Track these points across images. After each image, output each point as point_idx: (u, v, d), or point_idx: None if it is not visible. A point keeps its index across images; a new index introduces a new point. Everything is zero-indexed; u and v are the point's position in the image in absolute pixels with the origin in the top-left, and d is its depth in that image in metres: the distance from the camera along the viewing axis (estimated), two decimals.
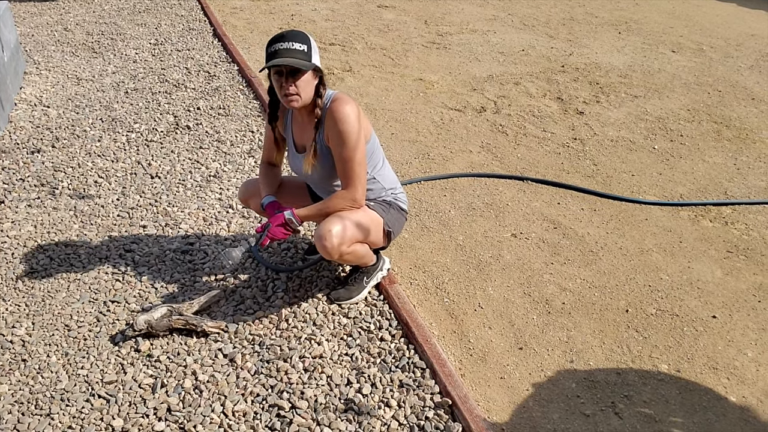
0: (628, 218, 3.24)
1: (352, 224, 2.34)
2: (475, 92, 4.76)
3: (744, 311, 2.62)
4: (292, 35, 2.20)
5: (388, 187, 2.51)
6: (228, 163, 3.73)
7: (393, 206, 2.51)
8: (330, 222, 2.31)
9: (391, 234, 2.51)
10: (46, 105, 4.46)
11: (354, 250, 2.39)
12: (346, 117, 2.24)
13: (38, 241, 3.01)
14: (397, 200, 2.54)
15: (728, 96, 4.79)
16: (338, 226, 2.30)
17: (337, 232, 2.29)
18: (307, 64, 2.18)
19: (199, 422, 2.06)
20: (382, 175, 2.50)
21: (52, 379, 2.24)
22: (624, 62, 5.42)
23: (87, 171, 3.63)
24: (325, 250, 2.30)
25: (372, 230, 2.43)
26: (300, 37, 2.21)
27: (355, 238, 2.35)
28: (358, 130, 2.26)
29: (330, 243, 2.28)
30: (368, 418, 2.08)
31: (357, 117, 2.27)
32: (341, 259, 2.41)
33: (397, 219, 2.53)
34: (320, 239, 2.29)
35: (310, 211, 2.37)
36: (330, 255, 2.33)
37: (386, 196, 2.51)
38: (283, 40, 2.18)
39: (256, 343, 2.40)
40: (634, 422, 2.11)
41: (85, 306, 2.59)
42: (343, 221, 2.32)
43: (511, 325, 2.54)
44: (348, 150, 2.26)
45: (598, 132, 4.16)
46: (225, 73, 5.01)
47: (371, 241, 2.47)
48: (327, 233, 2.28)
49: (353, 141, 2.25)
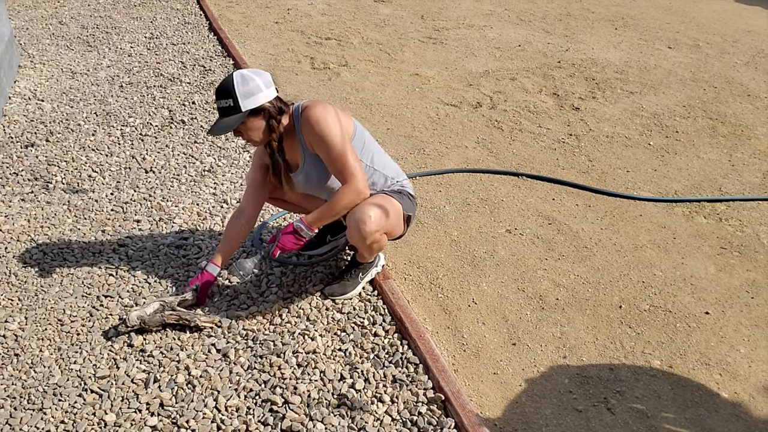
0: (623, 214, 3.24)
1: (385, 211, 2.36)
2: (471, 88, 4.75)
3: (737, 307, 2.63)
4: (218, 92, 2.27)
5: (392, 176, 2.53)
6: (223, 158, 3.71)
7: (404, 194, 2.53)
8: (366, 207, 2.32)
9: (410, 219, 2.55)
10: (41, 99, 4.44)
11: (382, 238, 2.42)
12: (318, 119, 2.26)
13: (31, 236, 3.00)
14: (404, 188, 2.56)
15: (724, 92, 4.79)
16: (376, 210, 2.32)
17: (376, 217, 2.31)
18: (232, 123, 2.25)
19: (191, 417, 2.06)
20: (382, 164, 2.51)
21: (44, 374, 2.23)
22: (620, 58, 5.42)
23: (81, 165, 3.62)
24: (361, 233, 2.31)
25: (395, 219, 2.45)
26: (225, 91, 2.25)
27: (387, 226, 2.38)
28: (337, 127, 2.26)
29: (369, 227, 2.30)
30: (361, 413, 2.08)
31: (333, 115, 2.28)
32: (368, 248, 2.41)
33: (411, 205, 2.56)
34: (358, 222, 2.30)
35: (318, 214, 2.34)
36: (363, 239, 2.33)
37: (393, 185, 2.52)
38: (216, 98, 2.29)
39: (250, 338, 2.40)
40: (626, 417, 2.11)
41: (78, 301, 2.59)
42: (378, 207, 2.34)
43: (505, 320, 2.55)
44: (335, 148, 2.26)
45: (594, 128, 4.16)
46: (221, 68, 4.99)
47: (393, 229, 2.48)
48: (367, 218, 2.29)
49: (337, 138, 2.25)
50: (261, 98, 2.26)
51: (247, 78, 2.25)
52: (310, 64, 5.13)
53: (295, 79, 4.82)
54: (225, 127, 2.27)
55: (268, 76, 2.32)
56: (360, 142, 2.42)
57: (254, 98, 2.25)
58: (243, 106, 2.24)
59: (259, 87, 2.26)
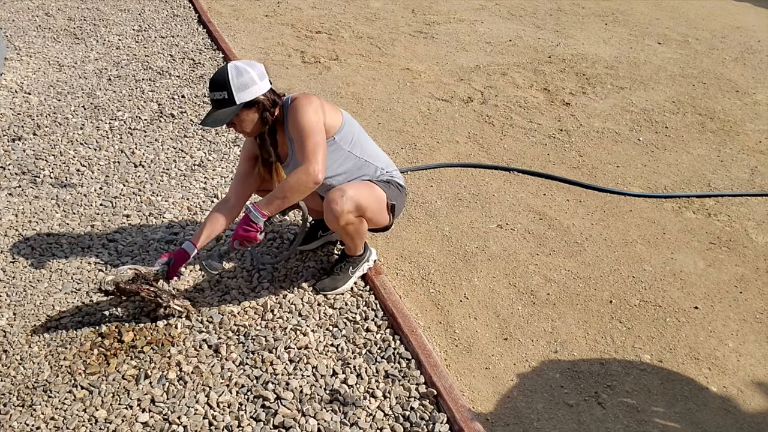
0: (613, 209, 3.26)
1: (359, 195, 2.36)
2: (462, 82, 4.75)
3: (726, 302, 2.65)
4: (213, 84, 2.27)
5: (381, 166, 2.53)
6: (213, 152, 3.69)
7: (392, 183, 2.54)
8: (341, 188, 2.34)
9: (395, 208, 2.54)
10: (27, 92, 4.38)
11: (356, 223, 2.41)
12: (297, 107, 2.28)
13: (19, 230, 2.96)
14: (393, 178, 2.56)
15: (713, 88, 4.82)
16: (350, 192, 2.33)
17: (348, 198, 2.31)
18: (225, 116, 2.25)
19: (183, 413, 2.05)
20: (372, 156, 2.52)
21: (33, 370, 2.21)
22: (610, 54, 5.44)
23: (69, 159, 3.58)
24: (333, 213, 2.31)
25: (377, 205, 2.45)
26: (219, 83, 2.25)
27: (362, 208, 2.37)
28: (314, 115, 2.27)
29: (339, 207, 2.29)
30: (353, 408, 2.08)
31: (315, 105, 2.30)
32: (343, 230, 2.41)
33: (398, 195, 2.55)
34: (330, 202, 2.31)
35: (268, 197, 2.28)
36: (336, 220, 2.33)
37: (382, 175, 2.53)
38: (209, 90, 2.29)
39: (241, 334, 2.39)
40: (616, 412, 2.13)
41: (68, 296, 2.57)
42: (352, 190, 2.34)
43: (497, 315, 2.55)
44: (304, 132, 2.25)
45: (584, 123, 4.18)
46: (210, 61, 4.95)
47: (375, 216, 2.48)
48: (339, 197, 2.30)
49: (309, 125, 2.25)
50: (255, 91, 2.26)
51: (242, 70, 2.24)
52: (301, 58, 5.10)
53: (285, 73, 4.79)
54: (219, 119, 2.26)
55: (261, 68, 2.31)
56: (349, 135, 2.43)
57: (249, 91, 2.25)
58: (237, 99, 2.24)
59: (253, 79, 2.25)
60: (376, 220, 2.51)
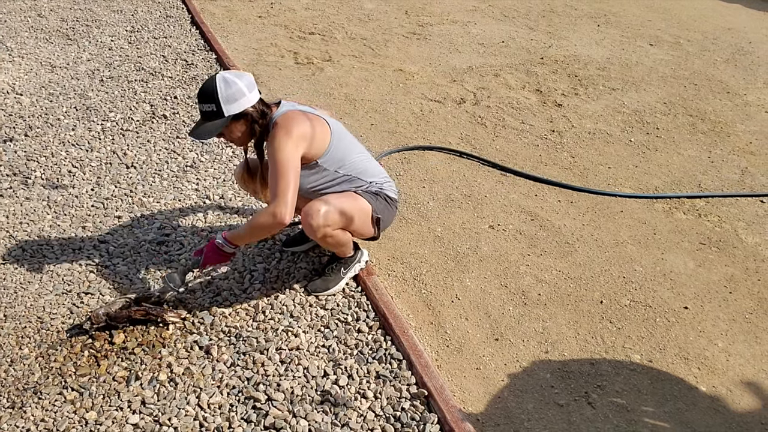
0: (604, 210, 3.27)
1: (338, 209, 2.36)
2: (455, 83, 4.76)
3: (715, 302, 2.67)
4: (201, 95, 2.27)
5: (370, 180, 2.50)
6: (205, 153, 3.69)
7: (380, 195, 2.52)
8: (318, 202, 2.33)
9: (380, 221, 2.52)
10: (19, 93, 4.37)
11: (336, 235, 2.41)
12: (279, 139, 2.24)
13: (10, 232, 2.95)
14: (383, 190, 2.54)
15: (704, 89, 4.85)
16: (327, 206, 2.33)
17: (325, 213, 2.32)
18: (214, 129, 2.25)
19: (174, 415, 2.05)
20: (361, 170, 2.49)
21: (24, 372, 2.21)
22: (602, 55, 5.46)
23: (61, 160, 3.57)
24: (310, 227, 2.32)
25: (359, 218, 2.44)
26: (207, 95, 2.25)
27: (340, 222, 2.38)
28: (290, 153, 2.24)
29: (316, 222, 2.30)
30: (344, 409, 2.09)
31: (296, 138, 2.26)
32: (322, 241, 2.42)
33: (385, 207, 2.54)
34: (306, 216, 2.31)
35: (239, 231, 2.33)
36: (314, 233, 2.34)
37: (371, 187, 2.50)
38: (198, 101, 2.29)
39: (233, 335, 2.39)
40: (606, 412, 2.14)
41: (59, 298, 2.56)
42: (330, 205, 2.34)
43: (488, 316, 2.56)
44: (277, 168, 2.23)
45: (576, 124, 4.19)
46: (203, 62, 4.94)
47: (358, 228, 2.48)
48: (315, 212, 2.30)
49: (283, 161, 2.22)
50: (244, 103, 2.25)
51: (230, 82, 2.23)
52: (294, 59, 5.10)
53: (278, 74, 4.80)
54: (207, 132, 2.26)
55: (250, 78, 2.30)
56: (336, 155, 2.41)
57: (237, 103, 2.24)
58: (225, 111, 2.23)
59: (241, 91, 2.24)
60: (360, 232, 2.51)
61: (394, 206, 2.59)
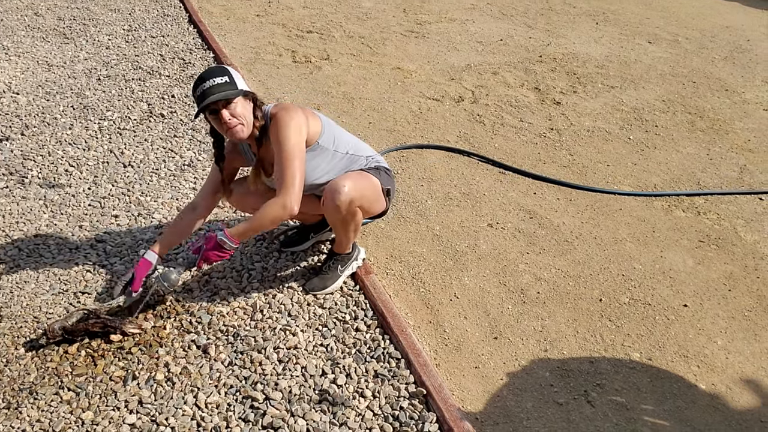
0: (603, 208, 3.26)
1: (360, 185, 2.38)
2: (453, 82, 4.75)
3: (714, 300, 2.66)
4: (210, 73, 2.25)
5: (367, 155, 2.56)
6: (203, 152, 3.67)
7: (381, 169, 2.56)
8: (341, 179, 2.34)
9: (390, 192, 2.56)
10: (16, 92, 4.35)
11: (356, 213, 2.41)
12: (285, 123, 2.25)
13: (6, 231, 2.94)
14: (380, 164, 2.58)
15: (702, 87, 4.84)
16: (350, 182, 2.34)
17: (350, 189, 2.32)
18: (234, 92, 2.22)
19: (171, 414, 2.04)
20: (356, 148, 2.54)
21: (20, 372, 2.19)
22: (601, 53, 5.45)
23: (57, 159, 3.55)
24: (335, 205, 2.32)
25: (374, 194, 2.48)
26: (218, 71, 2.25)
27: (364, 197, 2.40)
28: (295, 134, 2.25)
29: (344, 196, 2.30)
30: (343, 408, 2.08)
31: (297, 120, 2.27)
32: (348, 216, 2.40)
33: (388, 179, 2.57)
34: (333, 192, 2.31)
35: (243, 227, 2.29)
36: (338, 209, 2.33)
37: (371, 162, 2.55)
38: (204, 80, 2.23)
39: (230, 334, 2.38)
40: (606, 410, 2.13)
41: (55, 297, 2.55)
42: (352, 180, 2.36)
43: (487, 314, 2.55)
44: (284, 155, 2.24)
45: (575, 122, 4.18)
46: (200, 61, 4.93)
47: (374, 204, 2.50)
48: (341, 187, 2.31)
49: (290, 148, 2.24)
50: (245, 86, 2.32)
51: (231, 69, 2.32)
52: (292, 58, 5.09)
53: (276, 73, 4.78)
54: (223, 95, 2.19)
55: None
56: (330, 136, 2.44)
57: (243, 83, 2.31)
58: (238, 85, 2.26)
59: (241, 78, 2.32)
60: (375, 208, 2.53)
61: (392, 177, 2.64)
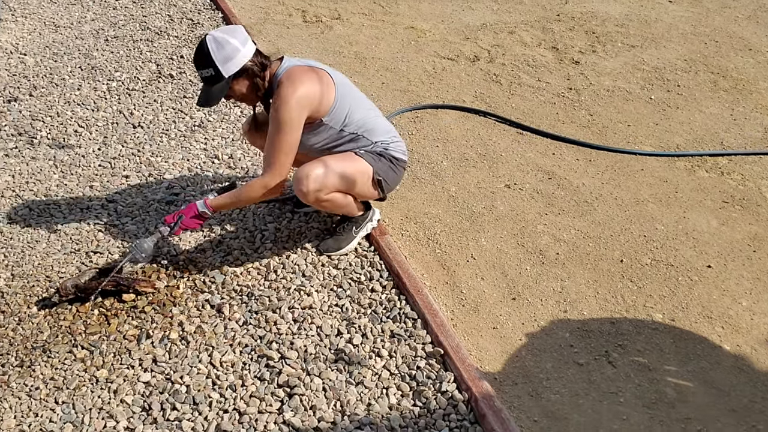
0: (624, 168, 3.17)
1: (334, 172, 2.27)
2: (469, 41, 4.62)
3: (739, 261, 2.59)
4: (196, 61, 2.20)
5: (376, 140, 2.40)
6: (213, 113, 3.60)
7: (384, 156, 2.42)
8: (311, 166, 2.25)
9: (383, 183, 2.43)
10: (23, 53, 4.28)
11: (332, 198, 2.33)
12: (282, 100, 2.17)
13: (17, 191, 2.90)
14: (388, 150, 2.43)
15: (725, 46, 4.68)
16: (319, 170, 2.25)
17: (316, 177, 2.24)
18: (218, 93, 2.19)
19: (186, 373, 2.02)
20: (369, 128, 2.39)
21: (32, 331, 2.17)
22: (621, 11, 5.28)
23: (66, 120, 3.50)
24: (301, 193, 2.26)
25: (358, 180, 2.35)
26: (202, 60, 2.17)
27: (335, 186, 2.30)
28: (293, 112, 2.16)
29: (306, 187, 2.23)
30: (359, 367, 2.04)
31: (299, 98, 2.17)
32: (319, 206, 2.36)
33: (389, 169, 2.43)
34: (298, 182, 2.25)
35: (223, 200, 2.31)
36: (306, 199, 2.28)
37: (375, 147, 2.41)
38: (195, 67, 2.23)
39: (244, 294, 2.35)
40: (627, 371, 2.08)
41: (67, 257, 2.52)
42: (326, 167, 2.26)
43: (504, 275, 2.50)
44: (276, 134, 2.19)
45: (594, 82, 4.06)
46: (209, 21, 4.82)
47: (360, 191, 2.40)
48: (305, 177, 2.23)
49: (283, 122, 2.17)
50: (240, 59, 2.17)
51: (222, 41, 2.14)
52: (302, 17, 4.97)
53: (286, 33, 4.67)
54: (213, 97, 2.20)
55: (242, 32, 2.21)
56: (341, 113, 2.31)
57: (233, 62, 2.16)
58: (225, 72, 2.16)
59: (236, 48, 2.15)
60: (362, 194, 2.43)
61: (400, 167, 2.49)
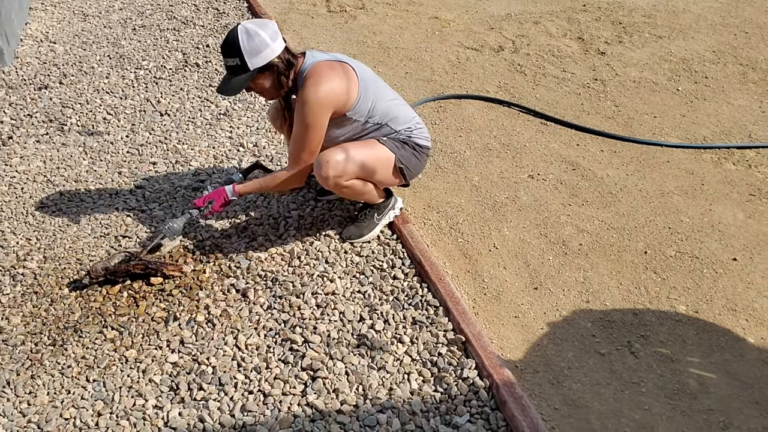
0: (649, 160, 3.15)
1: (355, 159, 2.29)
2: (493, 31, 4.60)
3: (765, 254, 2.56)
4: (224, 49, 2.20)
5: (399, 128, 2.42)
6: (238, 102, 3.64)
7: (408, 144, 2.43)
8: (333, 152, 2.28)
9: (405, 170, 2.44)
10: (53, 41, 4.36)
11: (352, 185, 2.35)
12: (307, 100, 2.18)
13: (48, 177, 2.97)
14: (411, 138, 2.44)
15: (755, 38, 4.60)
16: (340, 156, 2.27)
17: (336, 163, 2.26)
18: (240, 84, 2.20)
19: (212, 354, 2.06)
20: (393, 117, 2.40)
21: (64, 311, 2.23)
22: (648, 2, 5.20)
23: (95, 107, 3.56)
24: (321, 178, 2.29)
25: (379, 168, 2.37)
26: (230, 48, 2.17)
27: (355, 173, 2.32)
28: (319, 108, 2.18)
29: (326, 172, 2.26)
30: (381, 353, 2.07)
31: (325, 96, 2.18)
32: (339, 192, 2.38)
33: (412, 156, 2.45)
34: (318, 167, 2.27)
35: (251, 187, 2.38)
36: (326, 184, 2.31)
37: (399, 135, 2.42)
38: (222, 55, 2.22)
39: (269, 279, 2.38)
40: (650, 361, 2.08)
41: (97, 240, 2.58)
42: (347, 154, 2.28)
43: (527, 265, 2.50)
44: (301, 133, 2.23)
45: (620, 73, 4.02)
46: (234, 10, 4.86)
47: (381, 178, 2.42)
48: (325, 163, 2.26)
49: (309, 126, 2.20)
50: (268, 54, 2.17)
51: (252, 33, 2.14)
52: (326, 7, 4.98)
53: (311, 23, 4.69)
54: (234, 87, 2.22)
55: (273, 27, 2.21)
56: (365, 106, 2.32)
57: (261, 55, 2.16)
58: (250, 65, 2.17)
59: (265, 42, 2.15)
60: (384, 182, 2.45)
61: (423, 154, 2.50)
